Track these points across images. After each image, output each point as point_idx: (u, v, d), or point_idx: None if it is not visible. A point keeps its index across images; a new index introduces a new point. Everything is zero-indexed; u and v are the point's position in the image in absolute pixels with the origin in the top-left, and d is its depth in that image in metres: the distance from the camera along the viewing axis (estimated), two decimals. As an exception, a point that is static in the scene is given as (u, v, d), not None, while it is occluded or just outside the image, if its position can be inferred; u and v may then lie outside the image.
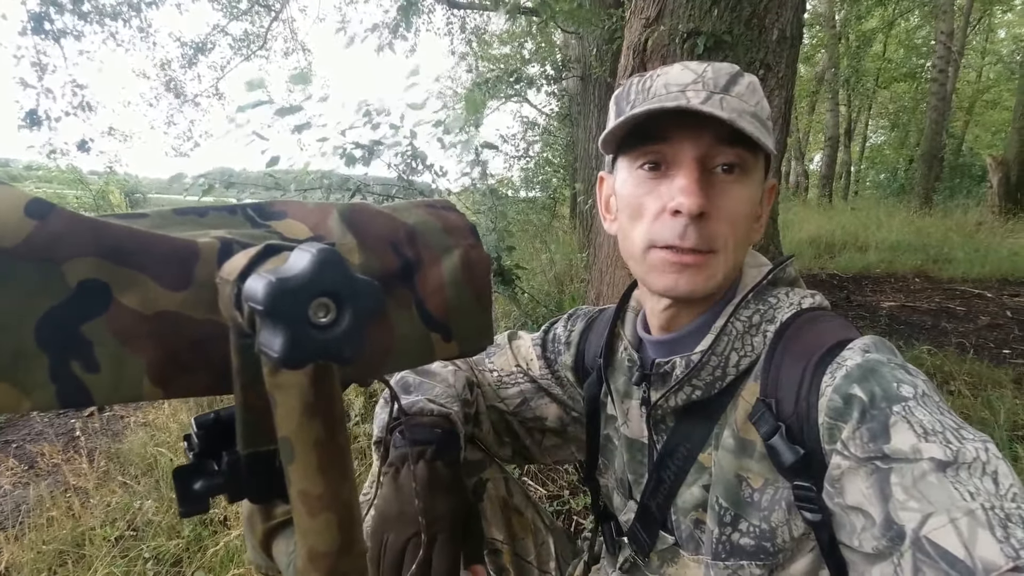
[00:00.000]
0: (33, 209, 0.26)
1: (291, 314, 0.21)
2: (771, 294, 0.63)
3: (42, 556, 1.42)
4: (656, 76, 0.61)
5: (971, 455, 0.42)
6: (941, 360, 2.61)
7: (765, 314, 0.61)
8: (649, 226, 0.60)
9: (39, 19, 6.33)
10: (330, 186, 2.39)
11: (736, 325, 0.61)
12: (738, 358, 0.60)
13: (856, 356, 0.52)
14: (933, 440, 0.43)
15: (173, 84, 9.78)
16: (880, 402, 0.47)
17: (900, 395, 0.47)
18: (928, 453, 0.42)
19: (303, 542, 0.27)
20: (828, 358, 0.54)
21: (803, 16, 2.18)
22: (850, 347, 0.54)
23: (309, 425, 0.26)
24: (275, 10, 9.72)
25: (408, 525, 0.60)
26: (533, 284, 3.51)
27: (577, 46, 5.44)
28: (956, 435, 0.44)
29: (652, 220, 0.60)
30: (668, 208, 0.58)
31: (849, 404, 0.49)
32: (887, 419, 0.46)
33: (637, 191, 0.61)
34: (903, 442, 0.44)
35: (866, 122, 19.03)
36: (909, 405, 0.46)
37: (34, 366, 0.26)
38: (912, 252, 6.08)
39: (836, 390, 0.50)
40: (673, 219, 0.58)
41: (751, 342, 0.60)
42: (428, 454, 0.66)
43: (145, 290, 0.29)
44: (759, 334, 0.60)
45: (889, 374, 0.49)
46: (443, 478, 0.65)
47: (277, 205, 0.40)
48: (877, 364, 0.50)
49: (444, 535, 0.60)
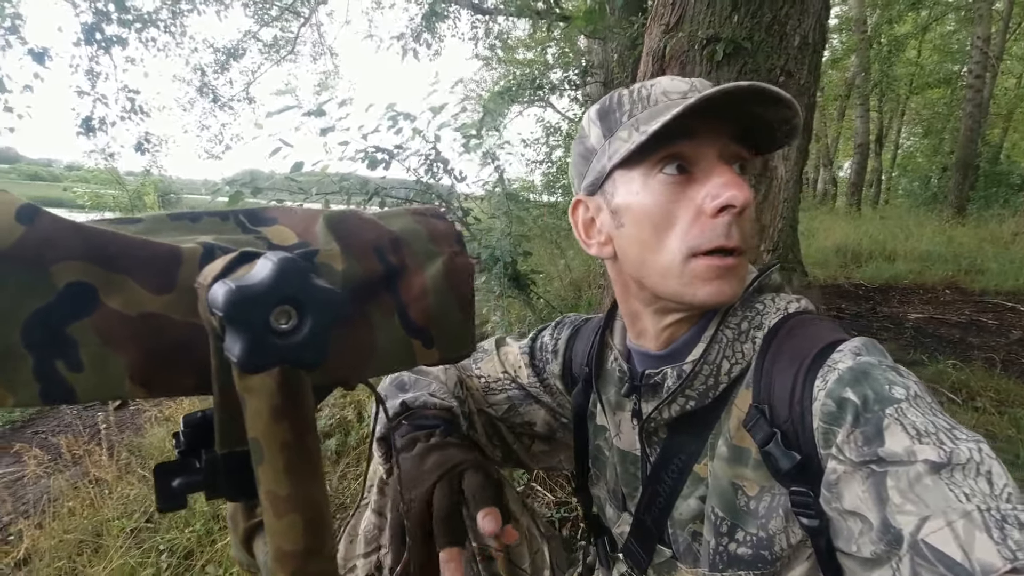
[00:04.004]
0: (23, 214, 0.27)
1: (251, 320, 0.22)
2: (757, 300, 0.62)
3: (63, 544, 1.47)
4: (650, 86, 0.60)
5: (965, 456, 0.42)
6: (967, 375, 2.53)
7: (753, 320, 0.61)
8: (686, 233, 0.56)
9: (91, 30, 6.62)
10: (349, 189, 2.43)
11: (726, 333, 0.60)
12: (729, 365, 0.59)
13: (847, 359, 0.51)
14: (927, 442, 0.43)
15: (207, 89, 10.07)
16: (873, 405, 0.47)
17: (892, 397, 0.47)
18: (922, 455, 0.42)
19: (271, 541, 0.28)
20: (819, 361, 0.53)
21: (827, 22, 2.15)
22: (840, 350, 0.53)
23: (277, 427, 0.26)
24: (304, 16, 9.92)
25: (431, 473, 0.59)
26: (549, 289, 3.51)
27: (600, 52, 5.44)
28: (949, 436, 0.43)
29: (689, 227, 0.56)
30: (709, 208, 0.55)
31: (842, 408, 0.48)
32: (880, 422, 0.46)
33: (662, 199, 0.57)
34: (897, 444, 0.44)
35: (898, 129, 18.59)
36: (902, 407, 0.46)
37: (19, 364, 0.27)
38: (943, 263, 5.91)
39: (829, 394, 0.50)
40: (715, 219, 0.55)
41: (741, 349, 0.60)
42: (438, 433, 0.66)
43: (130, 293, 0.30)
44: (748, 341, 0.60)
45: (881, 376, 0.49)
46: (456, 440, 0.66)
47: (269, 211, 0.41)
48: (868, 366, 0.50)
49: (470, 468, 0.60)
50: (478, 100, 9.38)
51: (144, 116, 7.63)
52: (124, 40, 7.13)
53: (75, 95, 7.04)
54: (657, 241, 0.58)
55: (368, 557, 0.78)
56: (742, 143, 0.58)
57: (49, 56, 5.72)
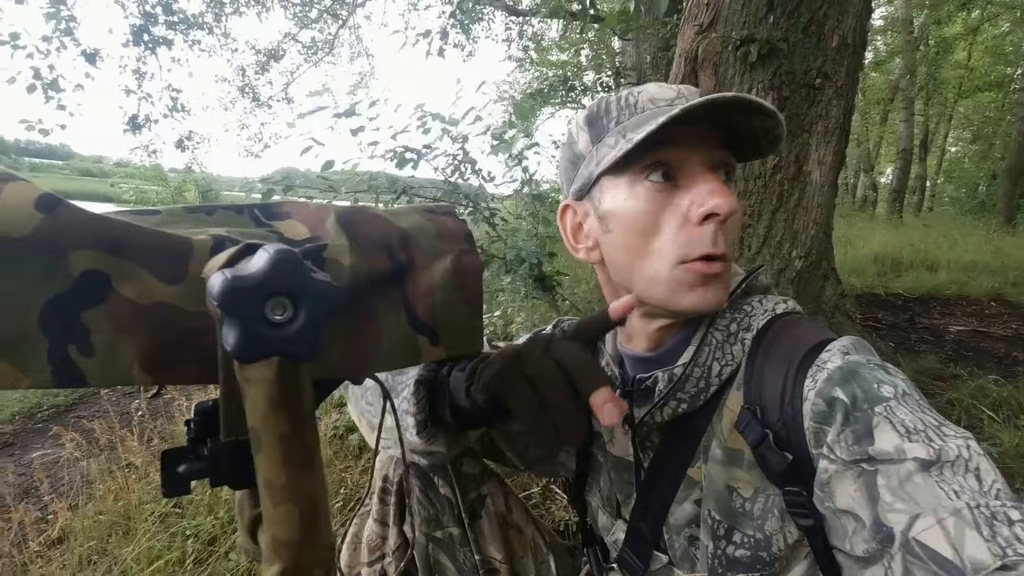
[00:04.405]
0: (42, 203, 0.28)
1: (244, 311, 0.22)
2: (745, 302, 0.62)
3: (96, 525, 1.53)
4: (638, 92, 0.59)
5: (954, 453, 0.42)
6: (1009, 392, 2.41)
7: (741, 322, 0.60)
8: (673, 241, 0.56)
9: (139, 32, 6.91)
10: (378, 187, 2.46)
11: (715, 335, 0.60)
12: (720, 368, 0.59)
13: (836, 359, 0.52)
14: (916, 439, 0.43)
15: (247, 89, 10.37)
16: (862, 404, 0.47)
17: (881, 395, 0.47)
18: (912, 453, 0.42)
19: (268, 530, 0.28)
20: (808, 361, 0.53)
21: (867, 22, 2.08)
22: (828, 349, 0.53)
23: (274, 418, 0.27)
24: (342, 18, 10.12)
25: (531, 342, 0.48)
26: (576, 292, 3.49)
27: (633, 53, 5.39)
28: (938, 433, 0.44)
29: (675, 234, 0.56)
30: (694, 216, 0.55)
31: (832, 407, 0.49)
32: (870, 420, 0.46)
33: (649, 206, 0.57)
34: (887, 443, 0.44)
35: (945, 134, 17.90)
36: (890, 405, 0.46)
37: (35, 348, 0.28)
38: (989, 274, 5.65)
39: (819, 394, 0.50)
40: (701, 227, 0.55)
41: (731, 351, 0.59)
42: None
43: (142, 282, 0.30)
44: (737, 343, 0.60)
45: (869, 375, 0.49)
46: None
47: (284, 206, 0.41)
48: (857, 365, 0.50)
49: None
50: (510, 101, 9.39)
51: (185, 114, 7.90)
52: (170, 41, 7.40)
53: (122, 94, 7.34)
54: (643, 248, 0.58)
55: (372, 566, 0.79)
56: (728, 149, 0.58)
57: (100, 57, 5.96)
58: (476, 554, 0.78)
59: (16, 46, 5.34)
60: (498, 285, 2.78)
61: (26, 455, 2.37)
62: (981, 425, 2.19)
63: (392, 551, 0.78)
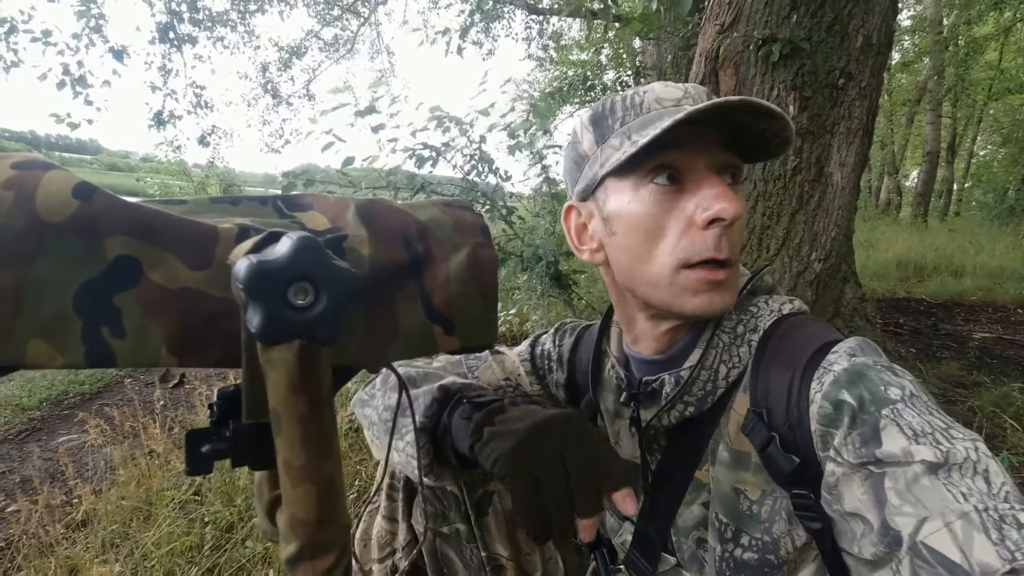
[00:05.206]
0: (79, 191, 0.30)
1: (269, 294, 0.23)
2: (751, 303, 0.62)
3: (118, 510, 1.57)
4: (643, 92, 0.59)
5: (961, 455, 0.41)
6: (1036, 401, 2.36)
7: (748, 324, 0.60)
8: (676, 245, 0.56)
9: (165, 29, 7.06)
10: (397, 184, 2.49)
11: (722, 337, 0.60)
12: (727, 370, 0.59)
13: (843, 360, 0.51)
14: (924, 442, 0.43)
15: (270, 85, 10.51)
16: (869, 406, 0.47)
17: (888, 398, 0.46)
18: (919, 455, 0.42)
19: (286, 509, 0.30)
20: (814, 363, 0.53)
21: (893, 22, 2.05)
22: (835, 351, 0.53)
23: (294, 400, 0.28)
24: (363, 15, 10.21)
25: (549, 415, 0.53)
26: (592, 291, 3.48)
27: (654, 53, 5.36)
28: (945, 435, 0.43)
29: (679, 238, 0.56)
30: (699, 220, 0.55)
31: (839, 410, 0.48)
32: (877, 423, 0.45)
33: (653, 209, 0.56)
34: (894, 445, 0.44)
35: (973, 137, 17.49)
36: (897, 407, 0.46)
37: (70, 328, 0.29)
38: (1017, 280, 5.52)
39: (825, 396, 0.50)
40: (705, 231, 0.55)
41: (737, 353, 0.59)
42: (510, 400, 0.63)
43: (171, 268, 0.32)
44: (744, 344, 0.59)
45: (876, 377, 0.48)
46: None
47: (305, 198, 0.43)
48: (864, 367, 0.49)
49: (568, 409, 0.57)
50: (530, 100, 9.40)
51: (208, 110, 8.04)
52: (194, 38, 7.54)
53: (148, 90, 7.50)
54: (647, 251, 0.58)
55: (383, 562, 0.80)
56: (733, 150, 0.57)
57: (127, 54, 6.09)
58: (483, 550, 0.78)
59: (48, 43, 5.48)
60: (514, 283, 2.79)
61: (53, 440, 2.44)
62: (1003, 434, 2.14)
63: (402, 546, 0.79)
